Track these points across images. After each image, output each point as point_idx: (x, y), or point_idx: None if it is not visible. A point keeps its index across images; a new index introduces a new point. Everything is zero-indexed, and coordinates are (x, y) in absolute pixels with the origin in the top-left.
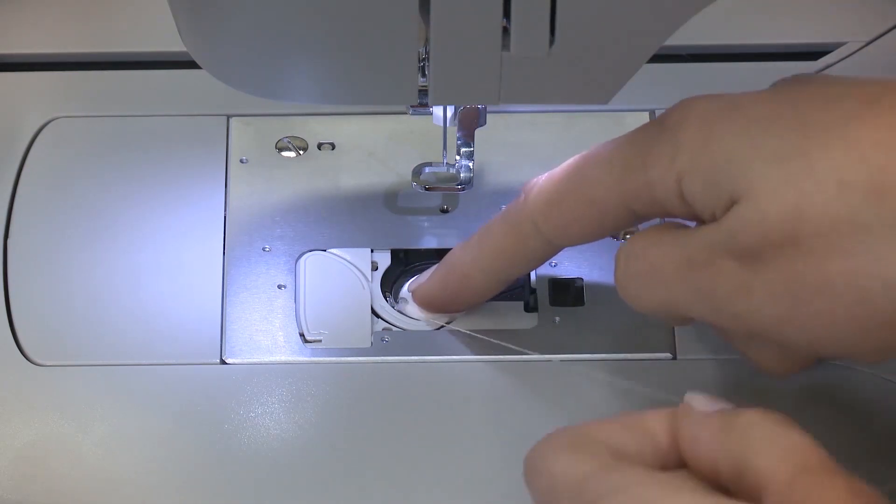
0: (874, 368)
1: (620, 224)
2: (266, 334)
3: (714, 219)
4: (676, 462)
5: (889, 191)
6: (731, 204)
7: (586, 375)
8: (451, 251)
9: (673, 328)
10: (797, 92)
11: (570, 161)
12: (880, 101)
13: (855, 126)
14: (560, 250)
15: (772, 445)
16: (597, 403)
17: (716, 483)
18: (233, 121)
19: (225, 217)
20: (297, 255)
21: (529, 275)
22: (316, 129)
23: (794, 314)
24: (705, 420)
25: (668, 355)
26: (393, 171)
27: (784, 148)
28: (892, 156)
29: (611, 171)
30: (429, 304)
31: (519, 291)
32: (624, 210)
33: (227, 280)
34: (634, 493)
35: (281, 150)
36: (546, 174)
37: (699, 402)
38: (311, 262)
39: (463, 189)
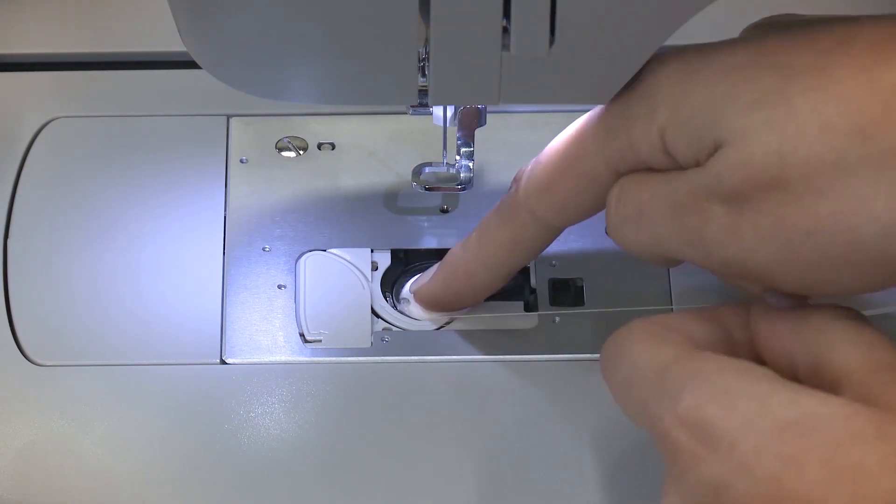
0: None
1: None
2: (266, 334)
3: (699, 167)
4: (750, 356)
5: (871, 132)
6: (715, 150)
7: (586, 375)
8: (450, 251)
9: None
10: (768, 36)
11: (553, 142)
12: (854, 41)
13: (831, 67)
14: (560, 233)
15: (849, 341)
16: (597, 403)
17: (792, 377)
18: (233, 121)
19: (225, 217)
20: (297, 255)
21: (529, 275)
22: (316, 129)
23: (786, 257)
24: (781, 314)
25: None
26: (393, 171)
27: (763, 91)
28: (872, 97)
29: (595, 141)
30: (432, 303)
31: (519, 292)
32: (614, 177)
33: (227, 280)
34: (715, 380)
35: (281, 150)
36: (532, 160)
37: (774, 298)
38: (311, 262)
39: (463, 189)
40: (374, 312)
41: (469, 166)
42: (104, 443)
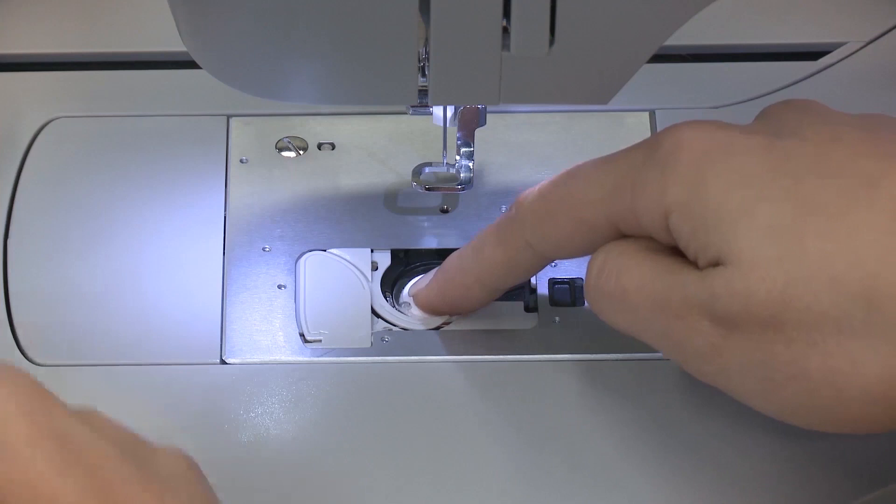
0: None
1: (610, 241)
2: (266, 334)
3: (696, 260)
4: None
5: (879, 299)
6: (717, 260)
7: (586, 375)
8: (448, 258)
9: None
10: (794, 147)
11: (561, 175)
12: (879, 186)
13: (851, 215)
14: (554, 261)
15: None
16: (597, 403)
17: None
18: (233, 121)
19: (225, 217)
20: (297, 255)
21: None
22: (316, 129)
23: (765, 391)
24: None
25: None
26: (393, 171)
27: (778, 222)
28: (886, 262)
29: (599, 193)
30: (429, 309)
31: (519, 292)
32: (612, 230)
33: (227, 280)
34: None
35: (281, 150)
36: (538, 188)
37: None
38: (311, 262)
39: (463, 189)
40: (374, 312)
41: (469, 166)
42: None
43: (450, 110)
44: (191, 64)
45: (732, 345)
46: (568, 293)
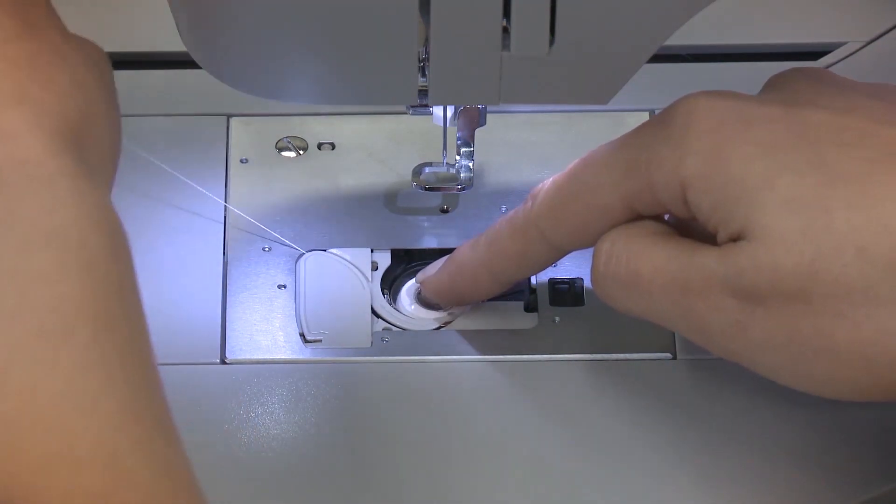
0: None
1: None
2: (266, 334)
3: (715, 232)
4: None
5: None
6: (740, 233)
7: (586, 375)
8: (459, 248)
9: None
10: (811, 117)
11: (573, 165)
12: None
13: (876, 185)
14: (567, 253)
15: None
16: (597, 403)
17: None
18: (233, 121)
19: (225, 217)
20: (297, 255)
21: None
22: (316, 129)
23: (793, 365)
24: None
25: (668, 355)
26: (393, 171)
27: (803, 193)
28: None
29: (612, 175)
30: (436, 296)
31: (519, 292)
32: (628, 212)
33: (228, 280)
34: None
35: (281, 150)
36: (550, 179)
37: None
38: (312, 262)
39: (463, 189)
40: (374, 312)
41: (469, 166)
42: None
43: (450, 110)
44: (191, 64)
45: (758, 320)
46: (568, 293)
